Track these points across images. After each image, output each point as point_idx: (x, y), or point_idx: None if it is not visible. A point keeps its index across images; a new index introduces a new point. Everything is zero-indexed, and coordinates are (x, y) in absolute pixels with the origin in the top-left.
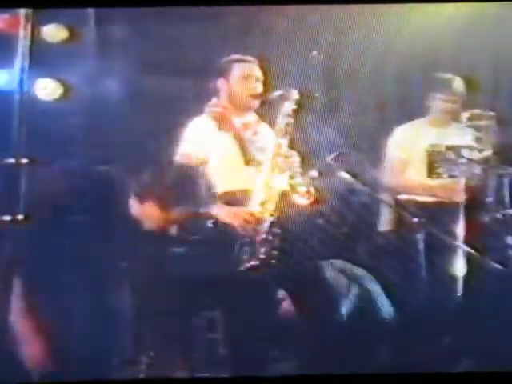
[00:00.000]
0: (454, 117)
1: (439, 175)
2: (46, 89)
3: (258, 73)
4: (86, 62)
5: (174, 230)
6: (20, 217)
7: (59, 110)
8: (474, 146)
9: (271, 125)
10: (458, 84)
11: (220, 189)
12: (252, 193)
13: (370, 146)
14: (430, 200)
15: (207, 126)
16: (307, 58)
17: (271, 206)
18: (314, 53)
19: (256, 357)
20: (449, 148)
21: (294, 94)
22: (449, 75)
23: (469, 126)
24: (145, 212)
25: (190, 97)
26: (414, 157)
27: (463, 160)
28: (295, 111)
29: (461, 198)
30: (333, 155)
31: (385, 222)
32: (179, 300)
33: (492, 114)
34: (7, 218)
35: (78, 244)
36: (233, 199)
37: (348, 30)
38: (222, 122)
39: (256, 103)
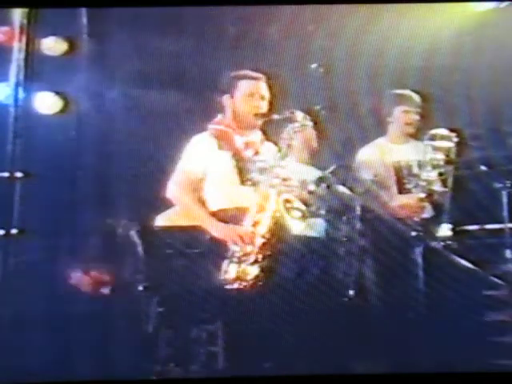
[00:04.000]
0: (414, 132)
1: (409, 191)
2: (46, 102)
3: (264, 91)
4: (85, 75)
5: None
6: (14, 231)
7: (56, 123)
8: (436, 162)
9: (276, 144)
10: (417, 97)
11: (215, 206)
12: (246, 212)
13: None
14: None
15: (208, 144)
16: (307, 70)
17: (264, 228)
18: (314, 65)
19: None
20: (414, 163)
21: (299, 117)
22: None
23: (431, 146)
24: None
25: (190, 110)
26: (382, 175)
27: (428, 175)
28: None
29: (428, 213)
30: (330, 169)
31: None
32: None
33: (454, 134)
34: (1, 232)
35: (74, 258)
36: (227, 217)
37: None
38: (222, 140)
39: (260, 122)
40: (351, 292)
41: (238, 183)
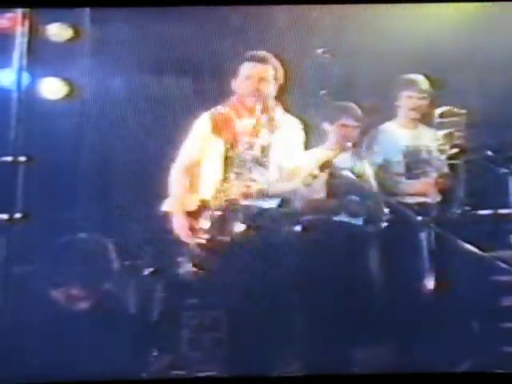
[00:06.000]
0: (423, 116)
1: (417, 176)
2: (51, 88)
3: (266, 73)
4: (90, 61)
5: None
6: (17, 215)
7: (61, 108)
8: (443, 147)
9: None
10: (424, 82)
11: (204, 194)
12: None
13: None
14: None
15: (202, 128)
16: (313, 55)
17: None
18: (320, 50)
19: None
20: (423, 149)
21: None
22: (415, 75)
23: (440, 123)
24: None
25: (196, 97)
26: (391, 159)
27: (436, 159)
28: None
29: (436, 198)
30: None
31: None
32: None
33: (463, 111)
34: (4, 216)
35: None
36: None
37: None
38: (219, 124)
39: (259, 105)
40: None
41: (221, 177)
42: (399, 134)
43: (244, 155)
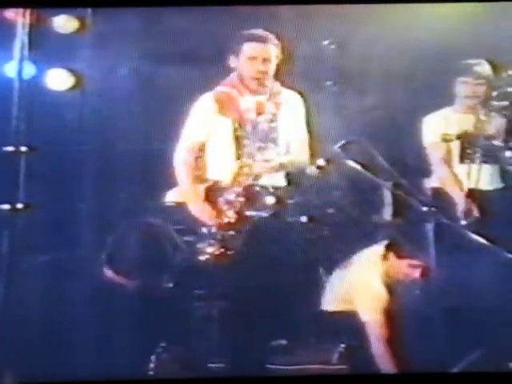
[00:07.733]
0: (483, 102)
1: (472, 161)
2: (57, 79)
3: (269, 54)
4: (95, 52)
5: None
6: (19, 205)
7: (64, 99)
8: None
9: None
10: (484, 67)
11: (212, 175)
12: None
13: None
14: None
15: (207, 108)
16: (319, 46)
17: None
18: (326, 42)
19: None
20: (480, 134)
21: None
22: (474, 60)
23: (497, 105)
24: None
25: (200, 87)
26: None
27: (494, 145)
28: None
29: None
30: (340, 144)
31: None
32: None
33: None
34: (6, 206)
35: (79, 233)
36: (214, 188)
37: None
38: (224, 104)
39: (263, 88)
40: None
41: (233, 157)
42: (456, 119)
43: (253, 133)
